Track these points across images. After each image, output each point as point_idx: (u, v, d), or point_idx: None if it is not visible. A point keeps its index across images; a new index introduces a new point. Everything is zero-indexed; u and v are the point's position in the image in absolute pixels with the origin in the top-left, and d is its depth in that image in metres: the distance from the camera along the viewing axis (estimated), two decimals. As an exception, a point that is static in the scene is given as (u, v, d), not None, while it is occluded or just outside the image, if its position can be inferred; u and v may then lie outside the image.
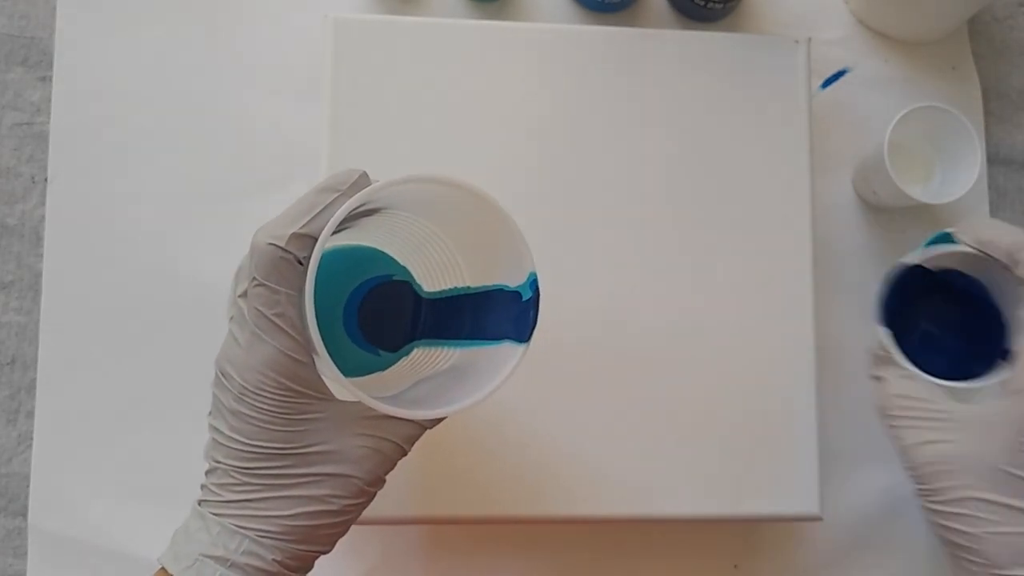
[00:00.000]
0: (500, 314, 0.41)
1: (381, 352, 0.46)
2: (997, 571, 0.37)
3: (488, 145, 0.54)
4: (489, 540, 0.58)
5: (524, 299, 0.40)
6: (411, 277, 0.46)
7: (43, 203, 0.60)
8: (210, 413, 0.40)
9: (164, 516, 0.57)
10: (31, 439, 0.58)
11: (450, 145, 0.54)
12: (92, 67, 0.61)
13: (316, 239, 0.36)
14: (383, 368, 0.46)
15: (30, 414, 0.58)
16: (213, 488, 0.38)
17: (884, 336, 0.49)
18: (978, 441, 0.40)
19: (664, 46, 0.56)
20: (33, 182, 0.60)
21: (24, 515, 0.57)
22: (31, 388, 0.59)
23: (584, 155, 0.55)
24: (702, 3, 0.61)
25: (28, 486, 0.57)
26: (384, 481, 0.40)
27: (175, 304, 0.59)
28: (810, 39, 0.57)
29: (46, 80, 0.61)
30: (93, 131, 0.60)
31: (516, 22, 0.61)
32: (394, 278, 0.46)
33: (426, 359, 0.45)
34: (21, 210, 0.60)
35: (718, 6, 0.61)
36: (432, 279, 0.46)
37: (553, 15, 0.63)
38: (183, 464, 0.57)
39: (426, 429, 0.40)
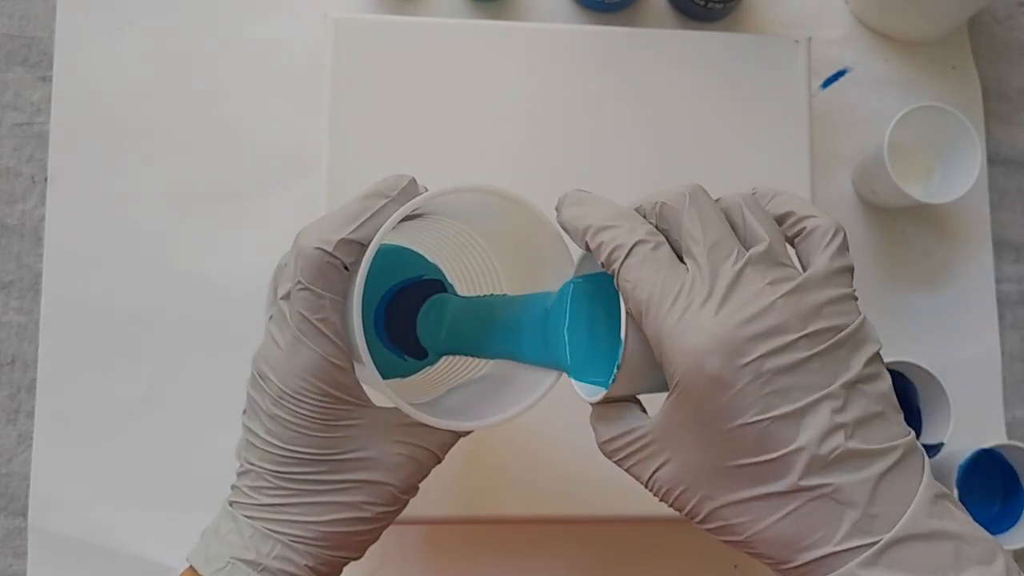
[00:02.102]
0: None
1: (407, 357, 0.45)
2: (786, 565, 0.31)
3: (488, 145, 0.54)
4: (489, 540, 0.58)
5: None
6: (443, 277, 0.46)
7: (43, 203, 0.60)
8: (244, 412, 0.39)
9: (164, 516, 0.57)
10: (31, 439, 0.58)
11: (450, 145, 0.54)
12: (92, 67, 0.61)
13: (364, 245, 0.36)
14: (409, 373, 0.45)
15: (30, 414, 0.58)
16: (246, 490, 0.38)
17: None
18: (686, 451, 0.32)
19: (664, 46, 0.56)
20: (33, 182, 0.60)
21: (24, 515, 0.57)
22: (31, 388, 0.59)
23: (584, 155, 0.55)
24: (702, 3, 0.61)
25: (28, 486, 0.57)
26: (417, 489, 0.40)
27: (175, 304, 0.59)
28: (810, 39, 0.57)
29: (46, 80, 0.61)
30: (93, 131, 0.60)
31: (516, 22, 0.61)
32: (424, 277, 0.45)
33: (458, 366, 0.45)
34: (21, 210, 0.60)
35: (718, 6, 0.61)
36: (468, 285, 0.45)
37: (553, 15, 0.63)
38: (183, 464, 0.58)
39: (460, 437, 0.40)
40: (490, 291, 0.44)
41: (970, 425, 0.60)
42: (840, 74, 0.64)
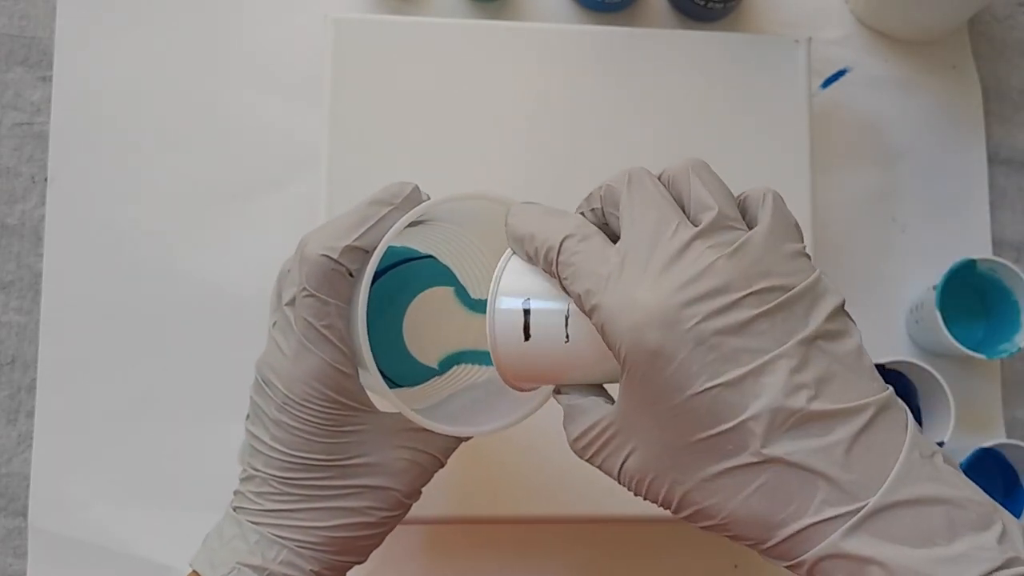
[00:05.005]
0: None
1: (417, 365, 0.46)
2: (767, 544, 0.30)
3: (488, 145, 0.54)
4: (489, 540, 0.58)
5: None
6: (457, 281, 0.46)
7: (43, 203, 0.60)
8: (248, 418, 0.40)
9: (164, 516, 0.57)
10: (31, 439, 0.58)
11: (450, 145, 0.54)
12: (92, 67, 0.61)
13: (368, 252, 0.36)
14: (419, 381, 0.45)
15: (30, 414, 0.58)
16: (251, 496, 0.38)
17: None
18: (647, 436, 0.31)
19: (664, 46, 0.56)
20: (33, 182, 0.60)
21: (24, 515, 0.57)
22: (31, 388, 0.59)
23: (584, 155, 0.54)
24: (702, 3, 0.61)
25: (28, 486, 0.57)
26: (420, 493, 0.40)
27: (175, 304, 0.59)
28: (810, 39, 0.57)
29: (46, 80, 0.61)
30: (93, 131, 0.60)
31: (516, 22, 0.61)
32: (421, 256, 0.46)
33: (463, 372, 0.45)
34: (21, 210, 0.60)
35: (718, 6, 0.61)
36: (471, 290, 0.46)
37: (553, 15, 0.63)
38: (183, 464, 0.58)
39: (462, 441, 0.40)
40: None
41: (970, 425, 0.60)
42: (840, 74, 0.64)
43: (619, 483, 0.33)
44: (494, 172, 0.54)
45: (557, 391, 0.35)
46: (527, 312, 0.33)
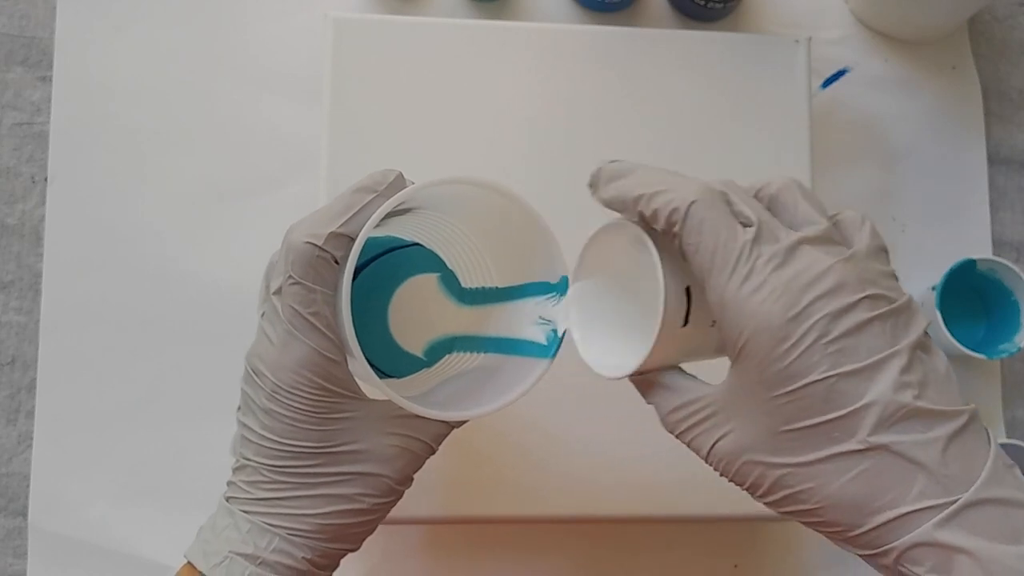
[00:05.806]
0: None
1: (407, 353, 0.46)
2: (857, 530, 0.31)
3: (487, 145, 0.54)
4: (489, 540, 0.58)
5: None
6: (444, 267, 0.46)
7: (43, 203, 0.60)
8: (239, 409, 0.40)
9: (164, 516, 0.57)
10: (31, 439, 0.58)
11: (450, 145, 0.54)
12: (92, 67, 0.61)
13: (353, 239, 0.37)
14: (407, 373, 0.45)
15: (30, 414, 0.58)
16: (243, 485, 0.38)
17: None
18: (750, 418, 0.33)
19: (664, 46, 0.56)
20: (33, 182, 0.60)
21: (24, 515, 0.57)
22: (31, 388, 0.59)
23: (583, 155, 0.54)
24: (702, 3, 0.61)
25: (28, 486, 0.57)
26: (412, 480, 0.40)
27: (175, 304, 0.59)
28: (810, 39, 0.57)
29: (46, 80, 0.61)
30: (93, 131, 0.60)
31: (516, 22, 0.61)
32: (415, 244, 0.46)
33: (453, 361, 0.45)
34: (21, 210, 0.60)
35: (718, 6, 0.61)
36: (461, 278, 0.46)
37: (553, 15, 0.63)
38: (183, 464, 0.58)
39: (453, 428, 0.40)
40: (482, 284, 0.44)
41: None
42: (840, 74, 0.64)
43: (705, 462, 0.35)
44: (494, 172, 0.54)
45: (638, 372, 0.36)
46: (689, 299, 0.34)
